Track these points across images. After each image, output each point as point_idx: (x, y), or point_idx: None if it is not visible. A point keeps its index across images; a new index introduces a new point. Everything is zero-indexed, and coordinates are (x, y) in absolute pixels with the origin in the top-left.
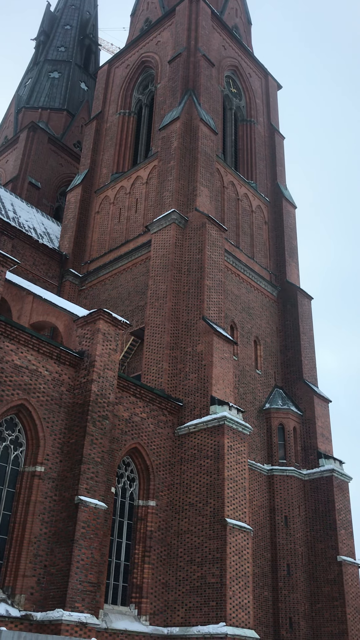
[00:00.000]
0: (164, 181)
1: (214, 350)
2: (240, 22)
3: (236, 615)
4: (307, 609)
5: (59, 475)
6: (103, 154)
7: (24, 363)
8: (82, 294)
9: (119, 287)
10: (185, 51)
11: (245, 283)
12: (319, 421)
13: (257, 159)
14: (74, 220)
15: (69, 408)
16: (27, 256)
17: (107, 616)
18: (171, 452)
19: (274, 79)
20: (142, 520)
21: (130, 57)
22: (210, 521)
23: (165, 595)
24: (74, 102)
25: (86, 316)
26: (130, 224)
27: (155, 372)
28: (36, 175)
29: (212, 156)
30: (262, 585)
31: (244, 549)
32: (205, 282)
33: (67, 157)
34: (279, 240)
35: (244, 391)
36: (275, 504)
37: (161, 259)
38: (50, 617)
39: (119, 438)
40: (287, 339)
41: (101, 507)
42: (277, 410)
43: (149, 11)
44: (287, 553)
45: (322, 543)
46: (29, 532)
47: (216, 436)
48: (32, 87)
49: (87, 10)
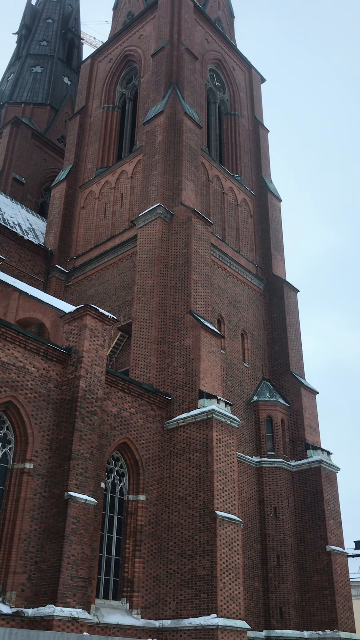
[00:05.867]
0: (149, 175)
1: (201, 344)
2: (223, 15)
3: (227, 606)
4: (297, 599)
5: (48, 472)
6: (87, 149)
7: (11, 360)
8: (68, 290)
9: (106, 283)
10: (168, 45)
11: (231, 277)
12: (306, 413)
13: (242, 152)
14: (59, 216)
15: (57, 404)
16: (12, 252)
17: (99, 611)
18: (160, 446)
19: (258, 72)
20: (132, 515)
21: (113, 51)
22: (200, 514)
23: (157, 588)
24: (58, 97)
25: (73, 312)
26: (115, 219)
27: (143, 367)
28: (20, 171)
29: (196, 150)
30: (253, 577)
31: (234, 540)
32: (192, 276)
33: (51, 153)
34: (265, 234)
35: (231, 384)
36: (264, 496)
37: (147, 253)
38: (41, 613)
39: (107, 433)
40: (273, 332)
41: (91, 503)
42: (265, 403)
43: (131, 4)
44: (277, 544)
45: (311, 533)
46: (19, 529)
47: (205, 429)
48: (14, 82)
49: (68, 4)
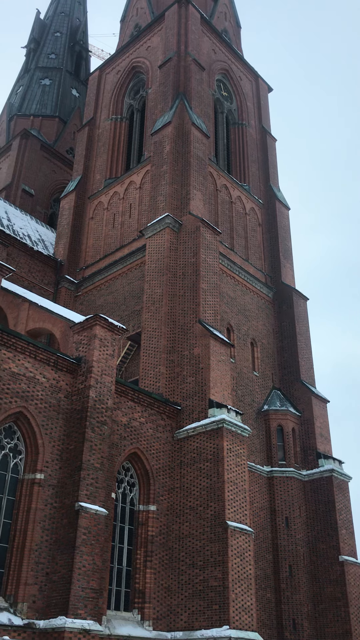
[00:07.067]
0: (157, 186)
1: (211, 353)
2: (230, 25)
3: (239, 618)
4: (310, 610)
5: (58, 482)
6: (96, 160)
7: (21, 370)
8: (77, 300)
9: (115, 293)
10: (176, 56)
11: (240, 285)
12: (317, 421)
13: (250, 161)
14: (68, 227)
15: (67, 414)
16: (22, 263)
17: (110, 622)
18: (170, 456)
19: (265, 81)
20: (143, 525)
21: (120, 63)
22: (211, 524)
23: (168, 599)
24: (66, 109)
25: (82, 322)
26: (124, 229)
27: (153, 376)
28: (29, 183)
29: (204, 160)
30: (265, 587)
31: (246, 551)
32: (201, 285)
33: (60, 164)
34: (273, 242)
35: (242, 393)
36: (275, 506)
37: (156, 263)
38: (53, 625)
39: (118, 443)
40: (283, 340)
41: (102, 513)
42: (275, 412)
43: (138, 17)
44: (289, 554)
45: (324, 543)
46: (30, 540)
47: (215, 439)
48: (23, 95)
49: (76, 17)
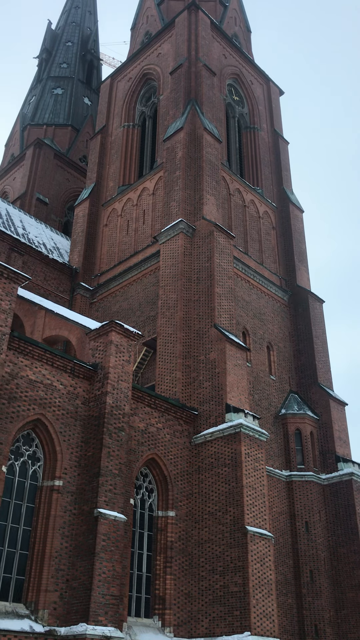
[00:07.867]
0: (170, 191)
1: (227, 357)
2: (240, 30)
3: (261, 624)
4: (333, 616)
5: (77, 489)
6: (109, 167)
7: (39, 378)
8: (93, 307)
9: (130, 299)
10: (186, 62)
11: (255, 289)
12: (335, 425)
13: (262, 165)
14: (82, 234)
15: (84, 421)
16: (37, 271)
17: (131, 629)
18: (188, 461)
19: (276, 85)
20: (162, 531)
21: (132, 70)
22: (231, 529)
23: (189, 605)
24: (78, 117)
25: (98, 328)
26: (138, 235)
27: (169, 381)
28: (44, 191)
29: (217, 164)
30: (286, 593)
31: (266, 556)
32: (216, 289)
33: (73, 172)
34: (288, 245)
35: (259, 397)
36: (295, 510)
37: (170, 268)
38: (74, 632)
39: (135, 449)
40: (300, 344)
41: (121, 519)
42: (293, 416)
43: (148, 24)
44: (310, 559)
45: (345, 548)
46: (50, 547)
47: (233, 444)
48: (36, 104)
49: (87, 27)
